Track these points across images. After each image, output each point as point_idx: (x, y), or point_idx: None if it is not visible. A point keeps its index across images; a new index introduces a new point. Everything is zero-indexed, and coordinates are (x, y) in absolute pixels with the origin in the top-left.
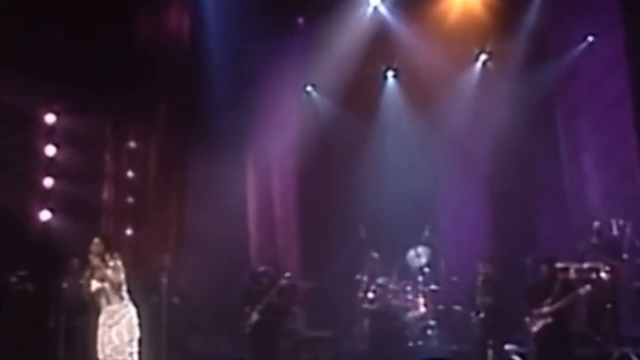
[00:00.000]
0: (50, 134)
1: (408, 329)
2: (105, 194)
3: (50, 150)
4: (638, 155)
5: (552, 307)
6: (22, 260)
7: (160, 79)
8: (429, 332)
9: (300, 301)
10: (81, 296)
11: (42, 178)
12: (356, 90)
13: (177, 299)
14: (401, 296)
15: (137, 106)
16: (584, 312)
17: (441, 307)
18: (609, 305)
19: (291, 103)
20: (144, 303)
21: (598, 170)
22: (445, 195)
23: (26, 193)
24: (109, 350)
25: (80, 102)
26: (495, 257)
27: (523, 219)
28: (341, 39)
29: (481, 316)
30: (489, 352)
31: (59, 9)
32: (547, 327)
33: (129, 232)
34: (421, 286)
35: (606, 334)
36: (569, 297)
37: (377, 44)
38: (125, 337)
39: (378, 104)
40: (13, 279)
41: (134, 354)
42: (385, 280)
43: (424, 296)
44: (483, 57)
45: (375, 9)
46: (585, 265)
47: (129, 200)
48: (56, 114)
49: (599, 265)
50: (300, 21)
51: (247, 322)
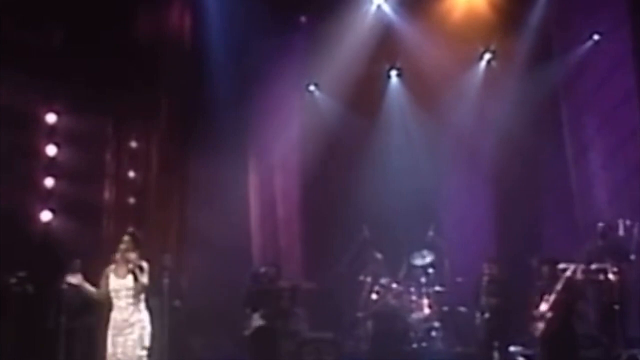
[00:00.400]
0: (51, 134)
1: (412, 330)
2: (107, 194)
3: (51, 150)
4: None
5: (548, 304)
6: (23, 261)
7: (161, 77)
8: (433, 333)
9: (303, 302)
10: (82, 297)
11: (42, 178)
12: (359, 89)
13: (178, 300)
14: (405, 297)
15: (138, 105)
16: (591, 314)
17: (446, 309)
18: (616, 307)
19: (294, 102)
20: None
21: (605, 170)
22: (450, 195)
23: (27, 193)
24: (119, 352)
25: (81, 101)
26: (500, 257)
27: (528, 219)
28: (344, 38)
29: (486, 317)
30: (494, 354)
31: (59, 7)
32: (551, 329)
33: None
34: (425, 287)
35: (614, 335)
36: (561, 286)
37: (380, 42)
38: (138, 342)
39: (381, 103)
40: (13, 280)
41: (144, 359)
42: (389, 281)
43: (428, 297)
44: (487, 55)
45: (379, 7)
46: (593, 266)
47: (130, 200)
48: (57, 113)
49: (607, 266)
50: (303, 20)
51: (248, 325)
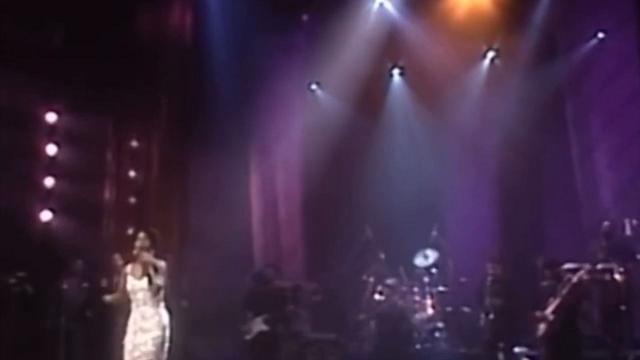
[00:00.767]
0: (51, 133)
1: (416, 331)
2: (107, 194)
3: (51, 150)
4: None
5: (552, 306)
6: (23, 261)
7: (162, 77)
8: (436, 334)
9: (306, 303)
10: (82, 297)
11: (43, 178)
12: (362, 88)
13: (185, 301)
14: (409, 297)
15: (139, 105)
16: (596, 314)
17: (449, 309)
18: (622, 307)
19: (296, 101)
20: None
21: (610, 170)
22: (453, 195)
23: (27, 193)
24: (138, 353)
25: (81, 100)
26: (503, 257)
27: (532, 219)
28: (346, 36)
29: (491, 318)
30: (499, 355)
31: (59, 7)
32: (554, 330)
33: (130, 232)
34: (428, 287)
35: (620, 336)
36: (566, 290)
37: (383, 41)
38: (157, 343)
39: (384, 102)
40: (12, 280)
41: None
42: (395, 282)
43: (432, 298)
44: (491, 54)
45: (381, 5)
46: (599, 267)
47: (131, 200)
48: (57, 112)
49: (613, 267)
50: (305, 18)
51: (249, 329)
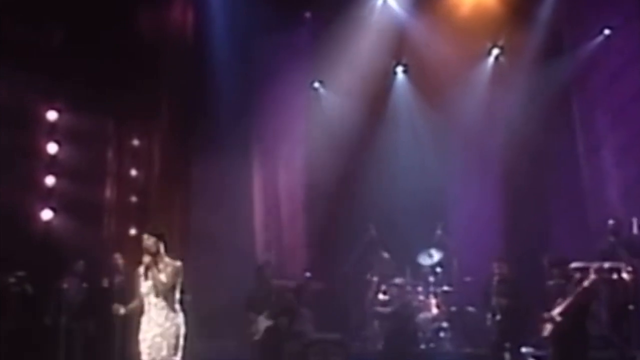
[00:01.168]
0: (52, 132)
1: (420, 331)
2: (108, 193)
3: (52, 148)
4: None
5: (561, 307)
6: (23, 261)
7: (163, 75)
8: (441, 334)
9: (309, 303)
10: (82, 297)
11: (43, 176)
12: (365, 86)
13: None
14: (413, 297)
15: (140, 103)
16: (604, 315)
17: (454, 309)
18: (631, 307)
19: (298, 99)
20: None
21: (617, 167)
22: (458, 193)
23: (27, 192)
24: (152, 354)
25: (82, 99)
26: (509, 256)
27: (538, 217)
28: (349, 34)
29: (497, 318)
30: (506, 355)
31: (60, 5)
32: (561, 330)
33: (132, 232)
34: (433, 287)
35: (628, 337)
36: (575, 293)
37: (386, 38)
38: (171, 343)
39: (387, 100)
40: (12, 279)
41: None
42: (402, 281)
43: (436, 297)
44: (495, 51)
45: (385, 2)
46: (606, 265)
47: (133, 199)
48: (58, 111)
49: (620, 265)
50: (308, 15)
51: (256, 329)
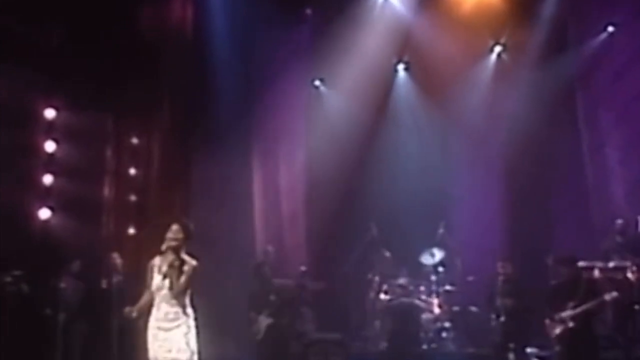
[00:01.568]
0: (50, 130)
1: (422, 331)
2: (107, 192)
3: (49, 146)
4: None
5: (575, 312)
6: (21, 260)
7: (163, 71)
8: (443, 334)
9: (309, 302)
10: (80, 296)
11: (41, 175)
12: (366, 83)
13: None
14: (415, 296)
15: (139, 101)
16: (609, 315)
17: (456, 309)
18: (636, 307)
19: (299, 97)
20: None
21: (622, 165)
22: (460, 192)
23: (25, 190)
24: (161, 353)
25: (80, 96)
26: (512, 256)
27: (541, 216)
28: (351, 31)
29: (502, 319)
30: (510, 355)
31: (59, 2)
32: (571, 331)
33: (131, 231)
34: (435, 286)
35: (633, 336)
36: (593, 303)
37: (388, 35)
38: (181, 343)
39: (389, 98)
40: (7, 278)
41: None
42: (405, 281)
43: (438, 297)
44: (498, 48)
45: None
46: (611, 265)
47: (132, 198)
48: (56, 108)
49: (626, 265)
50: (309, 12)
51: (257, 329)
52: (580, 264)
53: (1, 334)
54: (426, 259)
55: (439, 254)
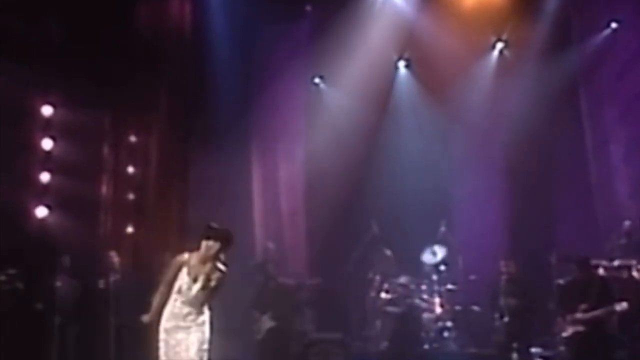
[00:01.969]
0: (47, 127)
1: (424, 330)
2: (105, 190)
3: (46, 144)
4: None
5: (587, 316)
6: (17, 259)
7: (161, 69)
8: (445, 334)
9: (309, 302)
10: (76, 295)
11: (38, 173)
12: (367, 81)
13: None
14: (417, 296)
15: (137, 98)
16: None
17: (458, 308)
18: None
19: (299, 94)
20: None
21: (626, 163)
22: (462, 190)
23: (22, 188)
24: (173, 352)
25: (78, 93)
26: (515, 254)
27: (545, 214)
28: (351, 28)
29: (505, 319)
30: (514, 355)
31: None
32: (580, 335)
33: (129, 229)
34: (437, 285)
35: (639, 336)
36: (603, 311)
37: (388, 32)
38: (196, 343)
39: (390, 95)
40: (2, 277)
41: None
42: (406, 280)
43: (440, 296)
44: (500, 44)
45: None
46: (616, 263)
47: (130, 196)
48: (53, 106)
49: (631, 263)
50: (308, 8)
51: (259, 329)
52: (594, 262)
53: None
54: (428, 258)
55: (440, 253)
